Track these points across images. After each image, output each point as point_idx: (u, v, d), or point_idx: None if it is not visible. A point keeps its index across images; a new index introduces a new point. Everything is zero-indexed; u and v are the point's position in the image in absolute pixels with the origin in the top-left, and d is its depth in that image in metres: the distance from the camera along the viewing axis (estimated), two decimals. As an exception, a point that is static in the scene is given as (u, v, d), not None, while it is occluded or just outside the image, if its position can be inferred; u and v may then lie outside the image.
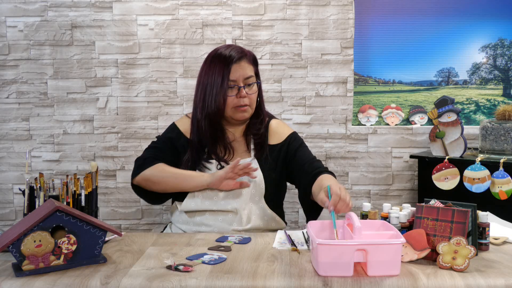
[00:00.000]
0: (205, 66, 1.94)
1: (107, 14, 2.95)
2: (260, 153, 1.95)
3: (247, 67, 1.90)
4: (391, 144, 3.02)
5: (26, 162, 1.91)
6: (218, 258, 1.44)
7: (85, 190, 1.71)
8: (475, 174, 2.25)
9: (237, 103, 1.89)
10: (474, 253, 1.33)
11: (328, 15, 2.95)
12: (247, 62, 1.91)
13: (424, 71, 3.03)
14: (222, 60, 1.88)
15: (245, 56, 1.91)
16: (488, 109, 3.03)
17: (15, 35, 2.95)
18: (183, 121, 2.04)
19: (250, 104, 1.92)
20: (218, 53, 1.92)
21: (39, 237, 1.34)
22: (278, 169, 1.98)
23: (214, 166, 1.91)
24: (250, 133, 1.98)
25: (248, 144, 1.97)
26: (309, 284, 1.26)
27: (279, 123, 2.07)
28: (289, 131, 2.05)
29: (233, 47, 1.93)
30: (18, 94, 2.98)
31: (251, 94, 1.91)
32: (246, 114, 1.93)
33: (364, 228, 1.40)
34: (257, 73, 1.97)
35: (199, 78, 1.95)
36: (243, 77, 1.88)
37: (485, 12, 2.98)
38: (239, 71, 1.88)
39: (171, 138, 2.01)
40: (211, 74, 1.89)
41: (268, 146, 1.98)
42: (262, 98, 2.00)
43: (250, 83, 1.91)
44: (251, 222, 1.87)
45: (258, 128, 1.97)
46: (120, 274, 1.32)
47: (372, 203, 2.94)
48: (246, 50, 1.95)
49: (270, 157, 1.96)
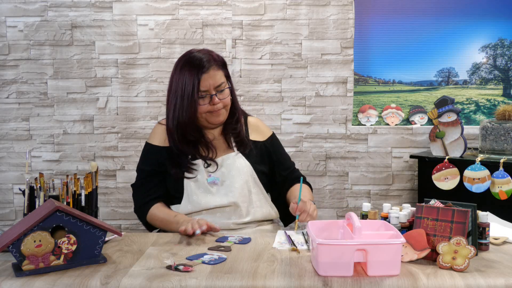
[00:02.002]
0: (175, 73, 1.91)
1: (107, 14, 2.95)
2: (243, 148, 1.97)
3: (217, 75, 1.88)
4: (391, 144, 3.02)
5: (26, 162, 1.91)
6: (218, 258, 1.43)
7: (85, 190, 1.71)
8: (475, 174, 2.24)
9: (211, 109, 1.88)
10: (474, 253, 1.33)
11: (328, 15, 2.95)
12: (216, 69, 1.88)
13: (424, 71, 3.04)
14: (191, 68, 1.86)
15: (213, 64, 1.88)
16: (488, 109, 3.03)
17: (15, 35, 2.95)
18: (156, 132, 2.00)
19: (225, 107, 1.92)
20: (188, 60, 1.89)
21: (39, 237, 1.34)
22: (264, 163, 2.01)
23: (201, 166, 1.91)
24: (228, 132, 1.99)
25: (228, 142, 1.98)
26: (309, 284, 1.26)
27: (257, 121, 2.11)
28: (269, 131, 2.10)
29: (202, 53, 1.90)
30: (18, 94, 2.98)
31: (224, 98, 1.91)
32: (221, 117, 1.93)
33: (364, 228, 1.40)
34: (228, 75, 1.95)
35: (170, 84, 1.93)
36: (213, 85, 1.87)
37: (485, 12, 2.98)
38: (209, 81, 1.85)
39: (151, 162, 1.97)
40: (180, 83, 1.86)
41: (250, 141, 2.00)
42: (235, 97, 1.99)
43: (222, 89, 1.90)
44: (250, 215, 1.89)
45: (234, 127, 1.98)
46: (120, 274, 1.32)
47: (372, 203, 2.94)
48: (214, 55, 1.91)
49: (254, 150, 1.99)
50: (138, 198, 1.98)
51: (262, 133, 2.06)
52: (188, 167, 1.91)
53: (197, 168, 1.91)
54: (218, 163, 1.92)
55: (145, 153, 2.01)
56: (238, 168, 1.92)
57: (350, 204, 3.05)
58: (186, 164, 1.91)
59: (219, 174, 1.91)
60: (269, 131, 2.10)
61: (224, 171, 1.91)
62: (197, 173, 1.90)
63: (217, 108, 1.89)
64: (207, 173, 1.91)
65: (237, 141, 1.98)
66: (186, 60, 1.89)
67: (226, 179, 1.90)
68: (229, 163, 1.92)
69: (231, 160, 1.93)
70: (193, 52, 1.92)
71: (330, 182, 3.04)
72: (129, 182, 3.02)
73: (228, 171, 1.91)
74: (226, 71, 1.95)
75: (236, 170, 1.91)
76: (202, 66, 1.85)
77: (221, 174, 1.91)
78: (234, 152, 1.96)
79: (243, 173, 1.92)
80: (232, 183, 1.89)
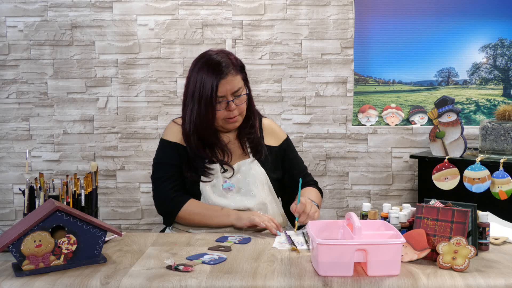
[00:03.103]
0: (192, 74, 1.87)
1: (107, 14, 2.95)
2: (259, 154, 1.95)
3: (235, 79, 1.85)
4: (391, 144, 3.02)
5: (26, 162, 1.91)
6: (218, 258, 1.43)
7: (85, 190, 1.71)
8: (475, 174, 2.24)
9: (226, 115, 1.86)
10: (474, 253, 1.33)
11: (328, 15, 2.95)
12: (234, 74, 1.84)
13: (424, 71, 3.04)
14: (209, 72, 1.82)
15: (232, 68, 1.84)
16: (488, 109, 3.03)
17: (15, 35, 2.95)
18: (172, 131, 1.96)
19: (240, 114, 1.90)
20: (206, 62, 1.85)
21: (39, 237, 1.34)
22: (278, 169, 2.00)
23: (217, 170, 1.90)
24: (243, 136, 1.97)
25: (243, 146, 1.97)
26: (309, 284, 1.26)
27: (272, 123, 2.09)
28: (284, 134, 2.08)
29: (220, 56, 1.86)
30: (18, 94, 2.98)
31: (240, 104, 1.88)
32: (237, 123, 1.91)
33: (364, 228, 1.40)
34: (245, 78, 1.92)
35: (187, 85, 1.90)
36: (231, 91, 1.84)
37: (485, 12, 2.98)
38: (227, 86, 1.82)
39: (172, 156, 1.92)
40: (198, 86, 1.83)
41: (265, 146, 1.98)
42: (252, 101, 1.97)
43: (239, 94, 1.87)
44: None
45: (249, 132, 1.96)
46: (120, 274, 1.32)
47: (372, 203, 2.94)
48: (232, 58, 1.87)
49: (269, 157, 1.97)
50: (167, 191, 1.88)
51: (277, 137, 2.04)
52: (205, 171, 1.88)
53: (213, 173, 1.89)
54: (235, 169, 1.91)
55: (162, 148, 1.95)
56: (254, 176, 1.91)
57: (350, 204, 3.05)
58: (202, 168, 1.88)
59: (234, 180, 1.90)
60: (284, 135, 2.08)
61: (239, 177, 1.91)
62: (213, 177, 1.89)
63: (233, 115, 1.86)
64: (223, 178, 1.90)
65: (251, 146, 1.96)
66: (204, 62, 1.85)
67: (241, 186, 1.90)
68: (245, 170, 1.91)
69: (247, 167, 1.92)
70: (211, 54, 1.88)
71: (330, 182, 3.04)
72: (129, 182, 3.02)
73: (244, 178, 1.90)
74: (244, 74, 1.91)
75: (252, 178, 1.90)
76: (220, 71, 1.82)
77: (236, 181, 1.90)
78: (249, 158, 1.95)
79: (259, 181, 1.91)
80: (247, 191, 1.89)
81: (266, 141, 2.00)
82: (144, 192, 3.03)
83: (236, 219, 1.78)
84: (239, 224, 1.77)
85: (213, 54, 1.87)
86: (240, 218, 1.77)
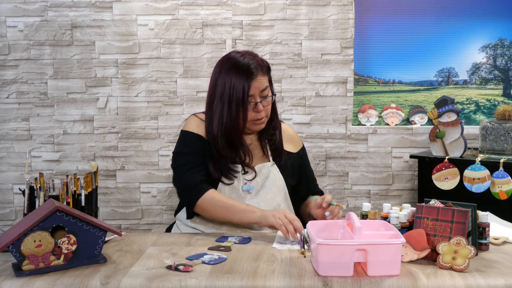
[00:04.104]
0: (219, 76, 1.86)
1: (107, 14, 2.95)
2: (279, 159, 1.96)
3: (263, 80, 1.85)
4: (391, 144, 3.02)
5: (26, 162, 1.91)
6: (218, 258, 1.44)
7: (85, 190, 1.71)
8: (475, 174, 2.24)
9: (254, 117, 1.87)
10: (474, 253, 1.33)
11: (328, 15, 2.95)
12: (261, 75, 1.85)
13: (424, 71, 3.03)
14: (239, 74, 1.82)
15: (260, 70, 1.85)
16: (488, 109, 3.03)
17: (15, 35, 2.95)
18: (193, 124, 1.94)
19: (266, 115, 1.91)
20: (234, 64, 1.84)
21: (39, 237, 1.34)
22: (294, 175, 2.01)
23: (239, 172, 1.90)
24: (265, 139, 1.98)
25: (264, 150, 1.97)
26: (309, 284, 1.26)
27: (290, 129, 2.10)
28: (300, 142, 2.10)
29: (248, 58, 1.85)
30: (18, 94, 2.98)
31: (267, 106, 1.89)
32: (263, 125, 1.92)
33: (364, 228, 1.40)
34: (270, 80, 1.92)
35: (213, 87, 1.88)
36: (259, 91, 1.84)
37: (485, 12, 2.98)
38: (256, 87, 1.83)
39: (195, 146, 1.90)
40: (228, 88, 1.82)
41: (285, 151, 1.99)
42: (275, 104, 1.96)
43: (266, 95, 1.87)
44: None
45: (272, 134, 1.97)
46: (120, 274, 1.32)
47: (372, 203, 2.94)
48: (259, 60, 1.87)
49: (288, 162, 1.98)
50: (190, 178, 1.84)
51: (295, 144, 2.06)
52: (228, 173, 1.87)
53: (236, 175, 1.89)
54: (256, 171, 1.90)
55: (184, 139, 1.92)
56: (272, 180, 1.91)
57: (350, 204, 3.05)
58: (226, 169, 1.87)
59: (254, 183, 1.90)
60: (300, 142, 2.10)
61: (258, 181, 1.91)
62: (235, 180, 1.88)
63: (260, 116, 1.87)
64: (243, 180, 1.90)
65: (272, 149, 1.97)
66: (232, 64, 1.85)
67: (260, 189, 1.90)
68: (264, 173, 1.92)
69: (266, 170, 1.92)
70: (237, 56, 1.87)
71: (330, 182, 3.04)
72: (129, 182, 3.02)
73: (262, 181, 1.90)
74: (270, 75, 1.92)
75: (270, 182, 1.90)
76: (251, 72, 1.82)
77: (255, 184, 1.90)
78: (270, 162, 1.95)
79: (276, 186, 1.91)
80: (264, 194, 1.89)
81: (285, 146, 2.00)
82: (144, 192, 3.03)
83: (261, 217, 1.71)
84: (263, 223, 1.71)
85: (239, 56, 1.87)
86: (265, 216, 1.70)
